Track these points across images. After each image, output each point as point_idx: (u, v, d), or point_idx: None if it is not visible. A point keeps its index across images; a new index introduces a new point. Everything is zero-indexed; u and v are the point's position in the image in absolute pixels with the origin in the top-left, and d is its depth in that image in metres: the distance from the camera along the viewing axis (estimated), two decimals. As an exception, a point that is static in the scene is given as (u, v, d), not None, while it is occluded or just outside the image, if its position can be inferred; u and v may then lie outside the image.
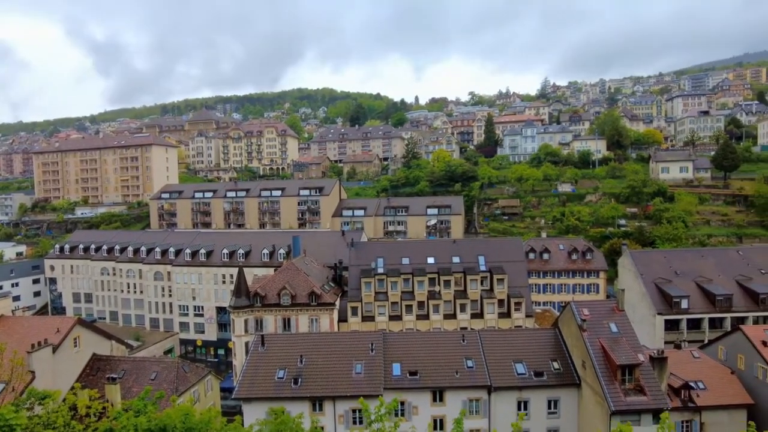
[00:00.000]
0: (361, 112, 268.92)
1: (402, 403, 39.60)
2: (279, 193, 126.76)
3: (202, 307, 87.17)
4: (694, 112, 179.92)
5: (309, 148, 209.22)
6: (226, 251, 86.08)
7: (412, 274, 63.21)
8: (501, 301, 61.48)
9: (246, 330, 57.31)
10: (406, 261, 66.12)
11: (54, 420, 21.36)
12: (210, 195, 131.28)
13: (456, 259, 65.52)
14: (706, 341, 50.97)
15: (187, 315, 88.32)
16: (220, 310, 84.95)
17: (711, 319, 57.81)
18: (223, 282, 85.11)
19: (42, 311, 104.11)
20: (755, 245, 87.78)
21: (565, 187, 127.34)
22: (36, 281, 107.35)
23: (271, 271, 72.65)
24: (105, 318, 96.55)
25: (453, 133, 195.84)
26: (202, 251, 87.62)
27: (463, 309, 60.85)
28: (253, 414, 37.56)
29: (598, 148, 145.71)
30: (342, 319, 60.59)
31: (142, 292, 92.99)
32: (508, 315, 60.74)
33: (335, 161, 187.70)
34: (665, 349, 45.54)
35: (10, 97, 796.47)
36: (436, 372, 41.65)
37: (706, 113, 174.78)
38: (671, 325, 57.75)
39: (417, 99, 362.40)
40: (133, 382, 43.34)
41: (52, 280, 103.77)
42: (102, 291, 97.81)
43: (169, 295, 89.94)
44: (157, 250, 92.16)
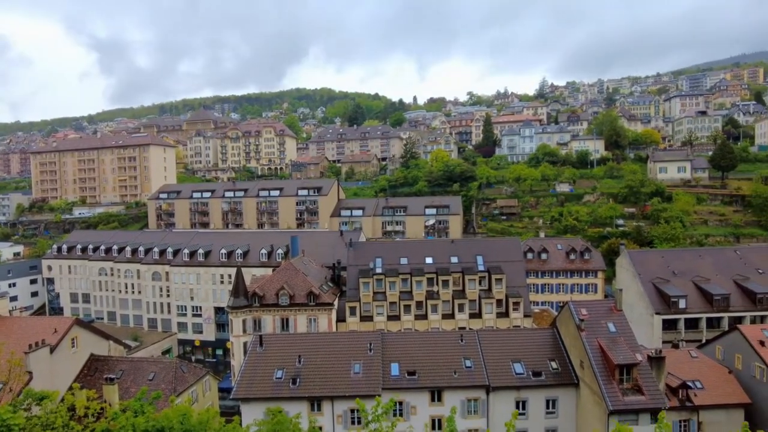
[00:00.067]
0: (359, 112, 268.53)
1: (400, 403, 39.65)
2: (277, 193, 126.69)
3: (200, 307, 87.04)
4: (692, 112, 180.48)
5: (307, 148, 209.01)
6: (224, 251, 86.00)
7: (410, 274, 63.32)
8: (499, 301, 61.60)
9: (244, 330, 57.24)
10: (404, 261, 66.25)
11: (53, 420, 21.30)
12: (208, 195, 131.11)
13: (454, 259, 65.63)
14: (704, 341, 51.10)
15: (185, 315, 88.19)
16: (219, 311, 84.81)
17: (708, 319, 58.03)
18: (222, 282, 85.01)
19: (39, 311, 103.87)
20: (752, 245, 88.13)
21: (563, 187, 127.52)
22: (33, 281, 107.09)
23: (269, 271, 72.54)
24: (103, 318, 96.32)
25: (451, 133, 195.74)
26: (200, 251, 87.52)
27: (461, 309, 60.97)
28: (252, 414, 37.60)
29: (596, 148, 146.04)
30: (340, 319, 60.60)
31: (140, 293, 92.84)
32: (507, 315, 60.89)
33: (333, 161, 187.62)
34: (663, 348, 45.68)
35: (8, 97, 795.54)
36: (434, 372, 41.71)
37: (703, 113, 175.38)
38: (669, 325, 57.93)
39: (415, 99, 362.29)
40: (131, 382, 43.30)
41: (50, 281, 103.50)
42: (100, 291, 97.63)
43: (167, 295, 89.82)
44: (155, 250, 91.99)
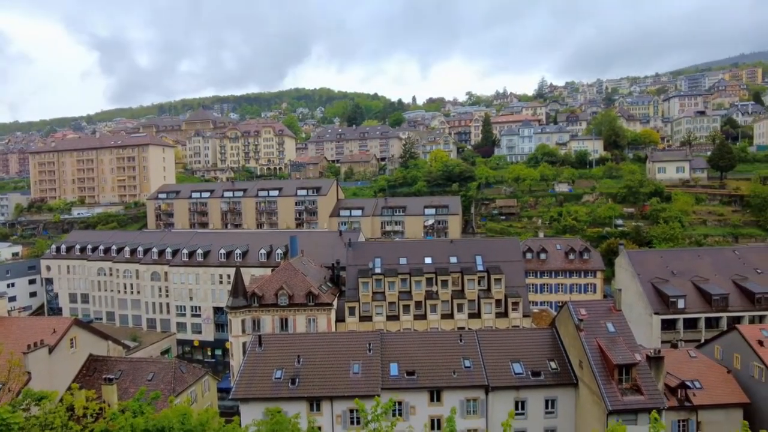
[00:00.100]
0: (358, 112, 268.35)
1: (399, 403, 39.65)
2: (276, 193, 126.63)
3: (199, 307, 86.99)
4: (691, 112, 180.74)
5: (306, 148, 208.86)
6: (223, 251, 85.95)
7: (409, 274, 63.36)
8: (498, 301, 61.64)
9: (243, 330, 57.21)
10: (403, 261, 66.27)
11: (51, 421, 21.28)
12: (207, 195, 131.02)
13: (453, 259, 65.67)
14: (703, 341, 51.18)
15: (184, 315, 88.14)
16: (218, 311, 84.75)
17: (707, 319, 58.10)
18: (221, 282, 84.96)
19: (38, 312, 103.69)
20: (751, 245, 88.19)
21: (563, 187, 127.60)
22: (32, 282, 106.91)
23: (268, 271, 72.47)
24: (102, 318, 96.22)
25: (450, 133, 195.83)
26: (199, 251, 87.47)
27: (460, 309, 61.01)
28: (251, 414, 37.60)
29: (595, 148, 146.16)
30: (339, 319, 60.60)
31: (139, 293, 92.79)
32: (506, 315, 60.93)
33: (333, 161, 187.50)
34: (662, 348, 45.71)
35: (7, 97, 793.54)
36: (433, 372, 41.73)
37: (702, 113, 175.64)
38: (668, 325, 58.00)
39: (414, 99, 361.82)
40: (129, 382, 43.28)
41: (49, 281, 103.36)
42: (99, 291, 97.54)
43: (166, 295, 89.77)
44: (154, 250, 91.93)
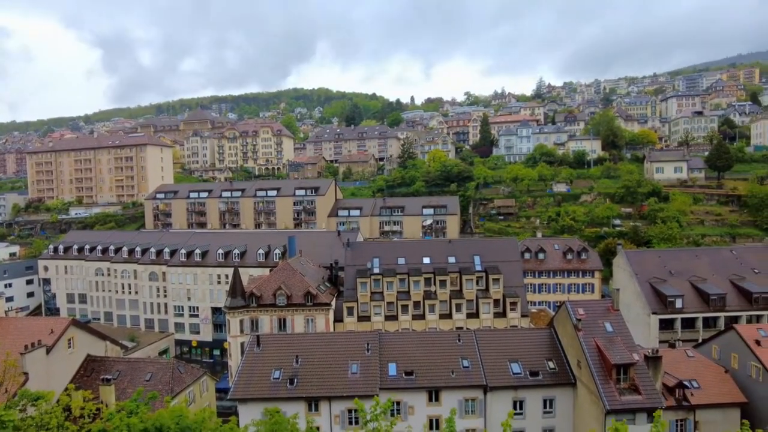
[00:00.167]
0: (356, 112, 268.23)
1: (398, 403, 39.62)
2: (274, 193, 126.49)
3: (198, 307, 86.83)
4: (688, 112, 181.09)
5: (305, 148, 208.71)
6: (221, 251, 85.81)
7: (407, 274, 63.35)
8: (496, 301, 61.67)
9: (241, 330, 57.11)
10: (401, 261, 66.23)
11: (47, 421, 21.22)
12: (205, 195, 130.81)
13: (452, 259, 65.68)
14: (700, 340, 51.32)
15: (182, 315, 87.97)
16: (216, 311, 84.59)
17: (705, 319, 58.18)
18: (219, 282, 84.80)
19: (36, 312, 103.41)
20: (748, 245, 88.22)
21: (561, 187, 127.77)
22: (29, 282, 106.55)
23: (266, 271, 72.41)
24: (99, 319, 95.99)
25: (449, 133, 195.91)
26: (198, 251, 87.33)
27: (458, 309, 61.01)
28: (249, 414, 37.51)
29: (593, 149, 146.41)
30: (338, 319, 60.57)
31: (136, 293, 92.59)
32: (504, 315, 60.96)
33: (331, 161, 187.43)
34: (660, 348, 45.71)
35: (5, 96, 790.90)
36: (431, 372, 41.71)
37: (700, 114, 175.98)
38: (666, 325, 58.11)
39: (413, 99, 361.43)
40: (127, 383, 43.16)
41: (46, 281, 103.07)
42: (96, 291, 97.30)
43: (164, 295, 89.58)
44: (152, 250, 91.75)
